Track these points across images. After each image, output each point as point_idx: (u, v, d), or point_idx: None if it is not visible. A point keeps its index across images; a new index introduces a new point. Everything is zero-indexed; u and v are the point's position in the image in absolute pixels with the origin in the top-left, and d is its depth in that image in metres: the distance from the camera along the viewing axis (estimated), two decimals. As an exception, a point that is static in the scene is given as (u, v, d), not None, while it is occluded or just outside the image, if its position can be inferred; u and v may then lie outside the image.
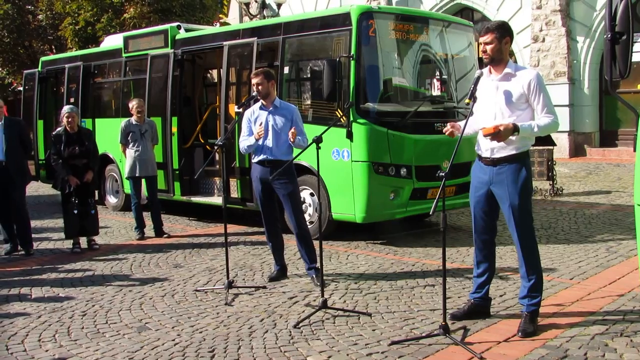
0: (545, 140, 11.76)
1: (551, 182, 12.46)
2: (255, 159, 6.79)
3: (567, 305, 5.62)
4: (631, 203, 10.54)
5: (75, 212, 8.55)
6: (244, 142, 6.80)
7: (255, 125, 6.72)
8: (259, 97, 6.68)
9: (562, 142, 17.53)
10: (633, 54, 4.18)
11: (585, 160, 17.49)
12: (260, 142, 6.66)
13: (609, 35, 4.18)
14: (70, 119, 8.56)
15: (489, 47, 4.97)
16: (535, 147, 11.52)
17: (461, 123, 5.25)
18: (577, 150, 18.30)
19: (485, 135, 4.82)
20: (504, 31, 4.99)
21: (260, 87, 6.61)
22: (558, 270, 6.86)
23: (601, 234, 8.74)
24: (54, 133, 8.91)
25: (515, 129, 4.78)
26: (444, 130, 5.27)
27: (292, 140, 6.46)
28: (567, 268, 6.94)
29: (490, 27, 5.00)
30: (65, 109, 8.80)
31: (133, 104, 9.65)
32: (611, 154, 17.66)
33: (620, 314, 5.35)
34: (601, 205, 11.25)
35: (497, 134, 4.76)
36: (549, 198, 12.17)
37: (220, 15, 23.21)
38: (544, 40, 18.62)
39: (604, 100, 18.62)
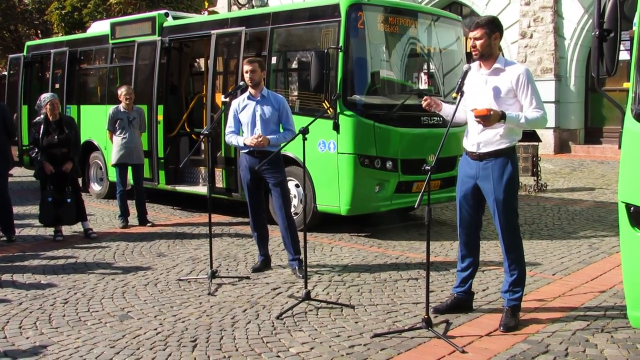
0: (530, 136, 11.82)
1: (535, 178, 12.53)
2: (244, 150, 6.77)
3: (549, 301, 5.66)
4: (614, 200, 10.61)
5: (50, 199, 8.47)
6: (231, 137, 6.78)
7: (241, 114, 6.70)
8: (249, 84, 6.65)
9: (547, 139, 17.60)
10: (620, 51, 4.19)
11: (570, 156, 17.59)
12: (247, 132, 6.66)
13: (597, 33, 4.18)
14: (53, 106, 8.46)
15: (478, 43, 4.97)
16: (520, 143, 11.52)
17: (447, 106, 5.37)
18: (561, 147, 18.40)
19: (476, 115, 4.77)
20: (493, 27, 4.98)
21: (253, 75, 6.59)
22: (541, 265, 6.91)
23: (584, 231, 8.80)
24: (34, 121, 8.80)
25: (502, 117, 4.78)
26: (422, 103, 5.31)
27: (263, 144, 6.49)
28: (549, 264, 6.99)
29: (480, 22, 5.00)
30: (47, 95, 8.70)
31: (122, 91, 9.57)
32: (595, 151, 17.76)
33: (601, 310, 5.40)
34: (584, 201, 11.32)
35: (486, 117, 4.75)
36: (533, 194, 12.24)
37: (205, 3, 23.04)
38: (531, 36, 18.67)
39: (589, 98, 18.72)
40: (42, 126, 8.47)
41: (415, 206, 4.68)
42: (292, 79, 9.47)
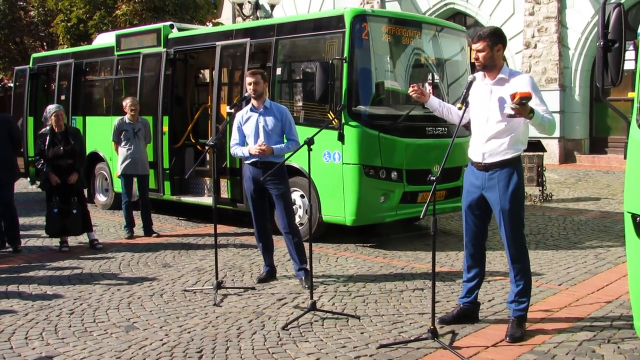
0: (535, 146, 11.83)
1: (541, 188, 12.52)
2: (248, 161, 6.78)
3: (555, 311, 5.64)
4: (620, 210, 10.59)
5: (55, 211, 8.48)
6: (236, 149, 6.80)
7: (244, 126, 6.73)
8: (253, 96, 6.68)
9: (552, 149, 17.60)
10: (625, 61, 4.20)
11: (575, 166, 17.57)
12: (251, 143, 6.68)
13: (602, 43, 4.20)
14: (58, 118, 8.50)
15: (480, 55, 4.97)
16: (525, 153, 11.57)
17: (435, 100, 5.45)
18: (566, 157, 18.39)
19: (520, 96, 4.56)
20: (496, 38, 4.98)
21: (256, 87, 6.62)
22: (546, 276, 6.89)
23: (590, 241, 8.78)
24: (39, 132, 8.85)
25: (531, 111, 4.69)
26: (409, 89, 5.35)
27: (266, 152, 6.51)
28: (555, 274, 6.97)
29: (482, 34, 4.99)
30: (52, 107, 8.73)
31: (127, 103, 9.61)
32: (601, 161, 17.75)
33: (607, 320, 5.38)
34: (590, 212, 11.30)
35: (527, 101, 4.60)
36: (538, 204, 12.22)
37: (212, 15, 23.15)
38: (535, 46, 18.70)
39: (594, 107, 18.73)
40: (47, 137, 8.50)
41: (421, 216, 4.69)
42: (297, 90, 9.50)
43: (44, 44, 28.16)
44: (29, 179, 14.06)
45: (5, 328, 5.47)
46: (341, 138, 8.24)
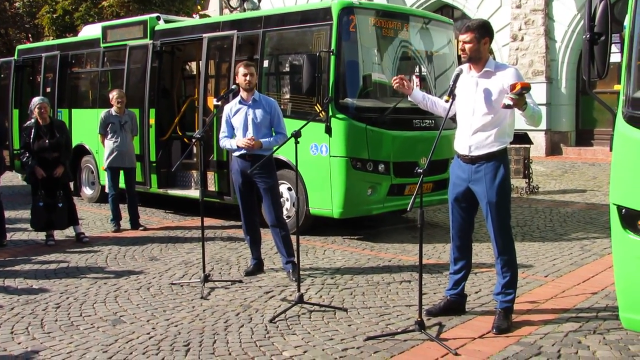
0: (521, 138, 11.87)
1: (527, 180, 12.57)
2: (236, 153, 6.77)
3: (541, 303, 5.67)
4: (606, 202, 10.65)
5: (41, 204, 8.43)
6: (225, 141, 6.79)
7: (233, 118, 6.70)
8: (246, 88, 6.64)
9: (538, 141, 17.66)
10: (611, 54, 4.22)
11: (561, 159, 17.65)
12: (240, 136, 6.66)
13: (588, 36, 4.21)
14: (41, 110, 8.43)
15: (467, 47, 4.98)
16: (512, 145, 11.62)
17: (418, 92, 5.49)
18: (553, 149, 18.47)
19: (522, 87, 4.58)
20: (483, 31, 4.99)
21: (252, 78, 6.61)
22: (533, 267, 6.93)
23: (576, 232, 8.83)
24: (24, 125, 8.77)
25: (525, 101, 4.69)
26: (392, 80, 5.38)
27: (254, 146, 6.50)
28: (541, 266, 7.01)
29: (470, 26, 5.00)
30: (36, 100, 8.66)
31: (113, 95, 9.56)
32: (587, 153, 17.84)
33: (593, 311, 5.42)
34: (576, 203, 11.36)
35: (524, 93, 4.62)
36: (524, 196, 12.27)
37: (198, 7, 23.05)
38: (522, 39, 18.75)
39: (580, 100, 18.81)
40: (32, 130, 8.43)
41: (408, 209, 4.69)
42: (284, 82, 9.47)
43: (29, 35, 27.95)
44: (14, 171, 13.97)
45: (-10, 322, 5.44)
46: (328, 131, 8.23)
